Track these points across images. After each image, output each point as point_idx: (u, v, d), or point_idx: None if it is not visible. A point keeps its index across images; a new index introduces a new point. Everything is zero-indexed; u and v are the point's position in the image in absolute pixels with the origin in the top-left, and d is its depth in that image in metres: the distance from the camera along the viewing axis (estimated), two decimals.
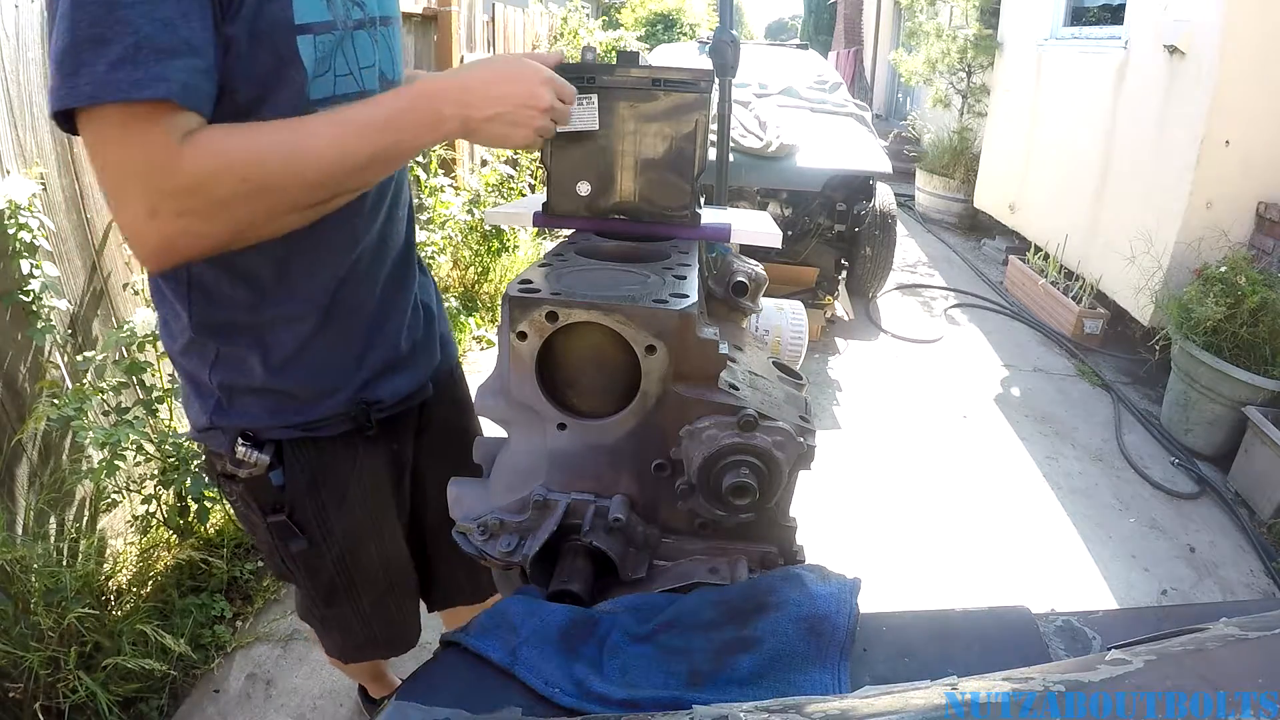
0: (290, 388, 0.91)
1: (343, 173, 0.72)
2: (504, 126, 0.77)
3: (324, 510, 0.99)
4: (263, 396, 0.90)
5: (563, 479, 0.74)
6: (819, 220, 3.82)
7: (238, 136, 0.69)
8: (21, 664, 1.50)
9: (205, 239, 0.69)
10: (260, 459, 0.92)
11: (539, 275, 0.73)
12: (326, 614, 1.12)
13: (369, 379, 0.96)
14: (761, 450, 0.68)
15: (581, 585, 0.68)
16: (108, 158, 0.66)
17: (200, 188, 0.66)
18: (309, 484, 0.96)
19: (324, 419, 0.93)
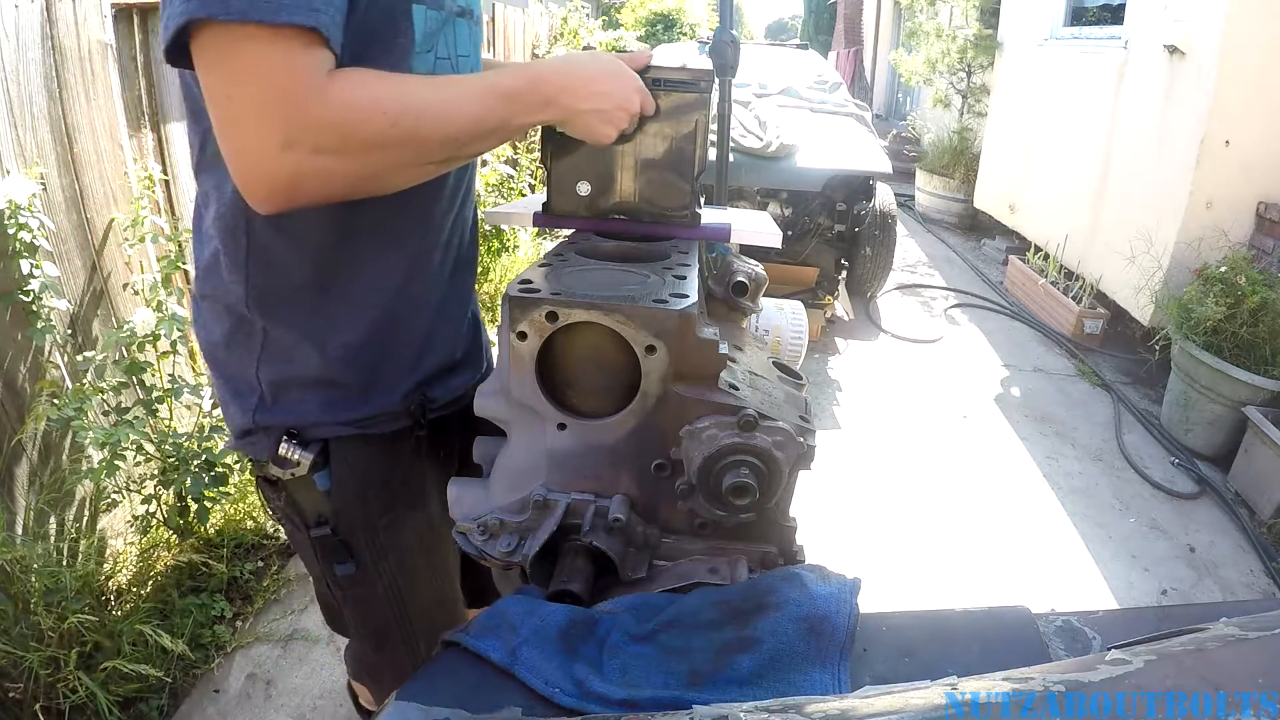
0: (347, 378, 0.85)
1: (473, 135, 0.72)
2: (597, 121, 0.80)
3: (373, 521, 0.92)
4: (313, 389, 0.85)
5: (563, 479, 0.74)
6: (819, 220, 3.82)
7: (388, 80, 0.66)
8: (21, 664, 1.50)
9: (333, 181, 0.66)
10: (304, 456, 0.86)
11: (539, 275, 0.73)
12: (377, 661, 1.04)
13: (427, 375, 0.91)
14: (761, 450, 0.68)
15: (581, 585, 0.68)
16: (242, 81, 0.61)
17: (344, 124, 0.63)
18: (357, 487, 0.90)
19: (379, 415, 0.88)
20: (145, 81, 2.08)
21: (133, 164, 2.01)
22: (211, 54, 0.61)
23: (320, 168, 0.64)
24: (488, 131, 0.73)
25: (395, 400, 0.89)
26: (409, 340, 0.88)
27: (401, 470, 0.93)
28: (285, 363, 0.84)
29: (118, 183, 1.98)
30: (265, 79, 0.61)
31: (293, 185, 0.64)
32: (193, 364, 2.27)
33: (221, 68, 0.61)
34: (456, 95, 0.70)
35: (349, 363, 0.85)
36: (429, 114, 0.67)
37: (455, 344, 0.95)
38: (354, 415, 0.87)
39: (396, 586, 0.97)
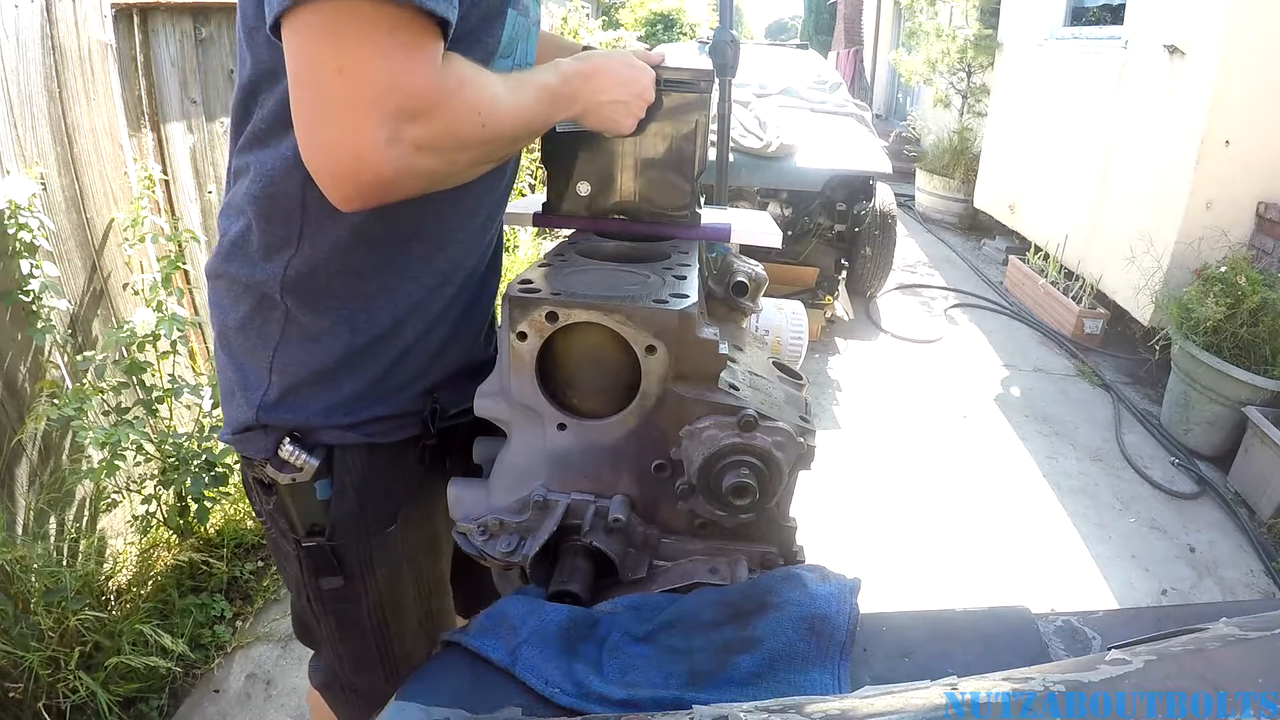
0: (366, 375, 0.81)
1: (528, 132, 0.75)
2: (619, 113, 0.83)
3: (368, 535, 0.87)
4: (328, 388, 0.80)
5: (563, 479, 0.74)
6: (819, 220, 3.82)
7: (480, 78, 0.65)
8: (22, 664, 1.50)
9: (421, 179, 0.63)
10: (309, 462, 0.80)
11: (539, 275, 0.73)
12: (354, 681, 0.99)
13: (441, 379, 0.87)
14: (761, 450, 0.68)
15: (581, 585, 0.68)
16: (358, 60, 0.56)
17: (451, 123, 0.61)
18: (359, 499, 0.85)
19: (389, 417, 0.83)
20: (145, 81, 2.08)
21: (133, 164, 2.01)
22: (326, 24, 0.56)
23: (418, 165, 0.61)
24: (536, 130, 0.78)
25: (407, 402, 0.84)
26: (431, 340, 0.85)
27: (405, 483, 0.89)
28: (304, 353, 0.79)
29: (118, 183, 1.98)
30: (387, 64, 0.56)
31: (390, 182, 0.61)
32: (193, 364, 2.27)
33: (337, 42, 0.56)
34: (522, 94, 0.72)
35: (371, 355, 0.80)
36: (506, 114, 0.68)
37: (473, 349, 0.92)
38: (362, 418, 0.82)
39: (382, 604, 0.92)
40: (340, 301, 0.78)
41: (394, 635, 0.94)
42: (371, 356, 0.81)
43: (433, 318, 0.84)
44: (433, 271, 0.82)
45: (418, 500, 0.91)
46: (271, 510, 0.86)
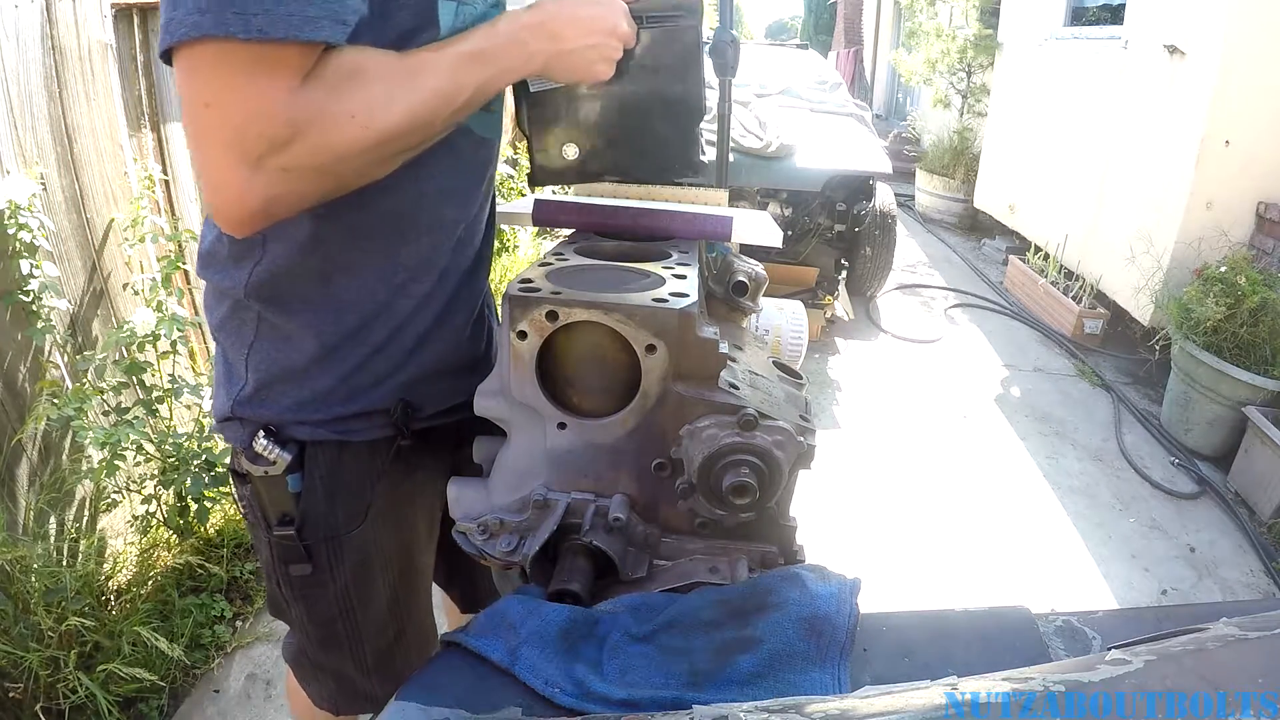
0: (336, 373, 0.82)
1: (449, 110, 0.68)
2: (586, 60, 0.75)
3: (338, 529, 0.89)
4: (297, 384, 0.82)
5: (563, 478, 0.74)
6: (819, 220, 3.82)
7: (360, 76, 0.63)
8: (21, 664, 1.50)
9: (307, 196, 0.65)
10: (281, 456, 0.83)
11: (539, 274, 0.73)
12: (321, 660, 1.01)
13: (415, 378, 0.87)
14: (761, 450, 0.68)
15: (581, 585, 0.68)
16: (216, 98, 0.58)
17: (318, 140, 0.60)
18: (328, 494, 0.87)
19: (361, 414, 0.85)
20: (145, 81, 2.08)
21: (133, 164, 2.01)
22: (195, 63, 0.58)
23: (292, 188, 0.62)
24: (465, 103, 0.69)
25: (379, 400, 0.85)
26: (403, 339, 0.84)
27: (378, 481, 0.90)
28: (276, 352, 0.82)
29: (118, 183, 1.98)
30: (242, 98, 0.58)
31: (261, 210, 0.62)
32: (193, 364, 2.27)
33: (203, 79, 0.58)
34: (427, 73, 0.66)
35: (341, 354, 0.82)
36: (401, 105, 0.64)
37: (456, 347, 0.91)
38: (335, 413, 0.84)
39: (350, 593, 0.94)
40: (305, 304, 0.80)
41: (361, 621, 0.97)
42: (340, 356, 0.82)
43: (403, 317, 0.83)
44: (397, 272, 0.81)
45: (394, 497, 0.92)
46: (247, 497, 0.89)
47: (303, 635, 1.01)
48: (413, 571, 1.01)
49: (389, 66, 0.65)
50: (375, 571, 0.95)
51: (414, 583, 1.02)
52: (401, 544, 0.96)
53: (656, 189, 1.05)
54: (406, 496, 0.94)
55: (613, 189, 1.01)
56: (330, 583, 0.92)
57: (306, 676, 1.07)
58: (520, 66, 0.72)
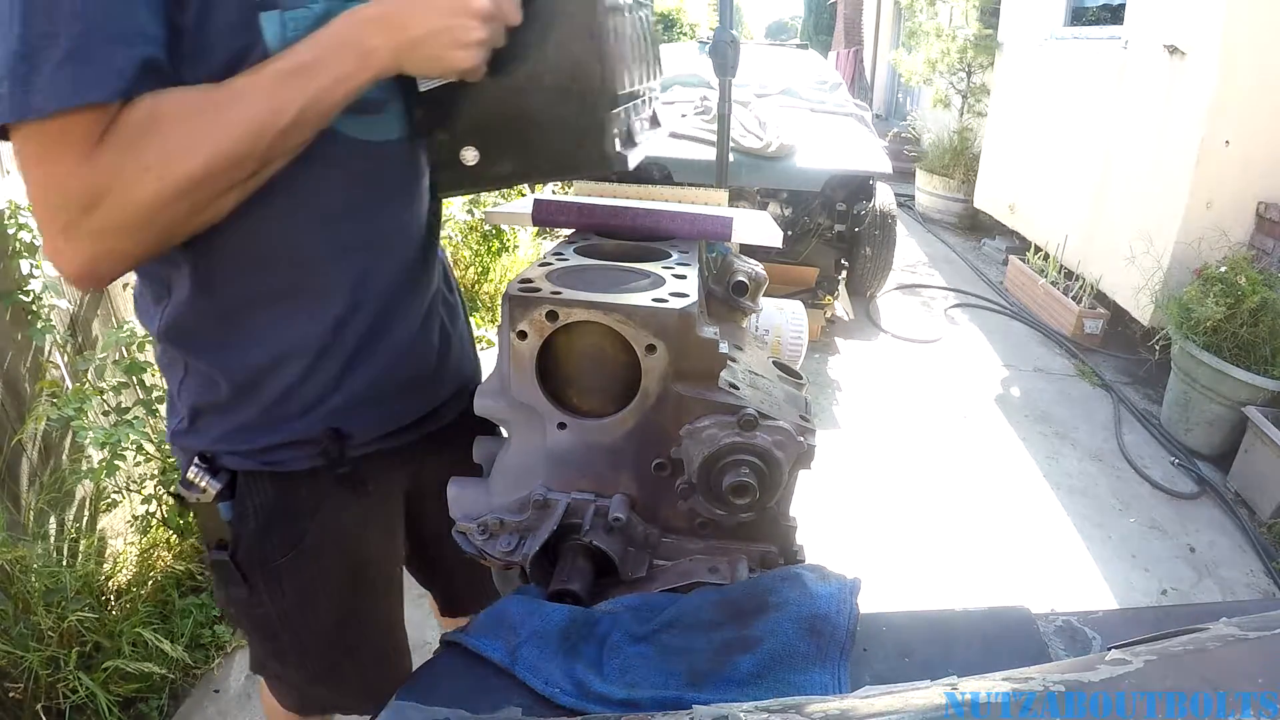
0: (257, 405, 0.81)
1: (273, 136, 0.63)
2: (440, 47, 0.64)
3: (273, 560, 0.87)
4: (223, 417, 0.82)
5: (563, 478, 0.74)
6: (819, 220, 3.82)
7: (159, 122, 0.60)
8: (22, 664, 1.50)
9: (130, 253, 0.64)
10: (211, 484, 0.83)
11: (539, 274, 0.73)
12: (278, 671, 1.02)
13: (348, 404, 0.83)
14: (761, 450, 0.68)
15: (581, 585, 0.68)
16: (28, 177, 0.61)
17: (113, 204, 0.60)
18: (260, 524, 0.86)
19: (288, 443, 0.83)
20: None
21: None
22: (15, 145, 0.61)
23: (110, 248, 0.62)
24: (292, 126, 0.63)
25: (305, 430, 0.82)
26: (323, 369, 0.81)
27: (315, 510, 0.88)
28: (200, 387, 0.82)
29: None
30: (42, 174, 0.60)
31: (86, 273, 0.64)
32: None
33: (20, 159, 0.61)
34: (238, 103, 0.62)
35: (257, 388, 0.80)
36: (203, 146, 0.60)
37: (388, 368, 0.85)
38: (262, 443, 0.82)
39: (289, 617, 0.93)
40: (211, 343, 0.79)
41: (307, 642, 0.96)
42: (257, 389, 0.80)
43: (317, 345, 0.80)
44: (299, 301, 0.78)
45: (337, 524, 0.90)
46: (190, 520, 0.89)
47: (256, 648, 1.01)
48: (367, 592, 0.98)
49: (192, 106, 0.61)
50: (318, 597, 0.93)
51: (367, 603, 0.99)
52: (350, 567, 0.94)
53: (655, 189, 1.05)
54: (357, 520, 0.92)
55: (613, 189, 1.01)
56: (268, 604, 0.91)
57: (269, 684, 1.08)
58: (357, 71, 0.64)
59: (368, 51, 0.64)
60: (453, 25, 0.64)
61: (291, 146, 0.66)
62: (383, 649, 1.06)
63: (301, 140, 0.67)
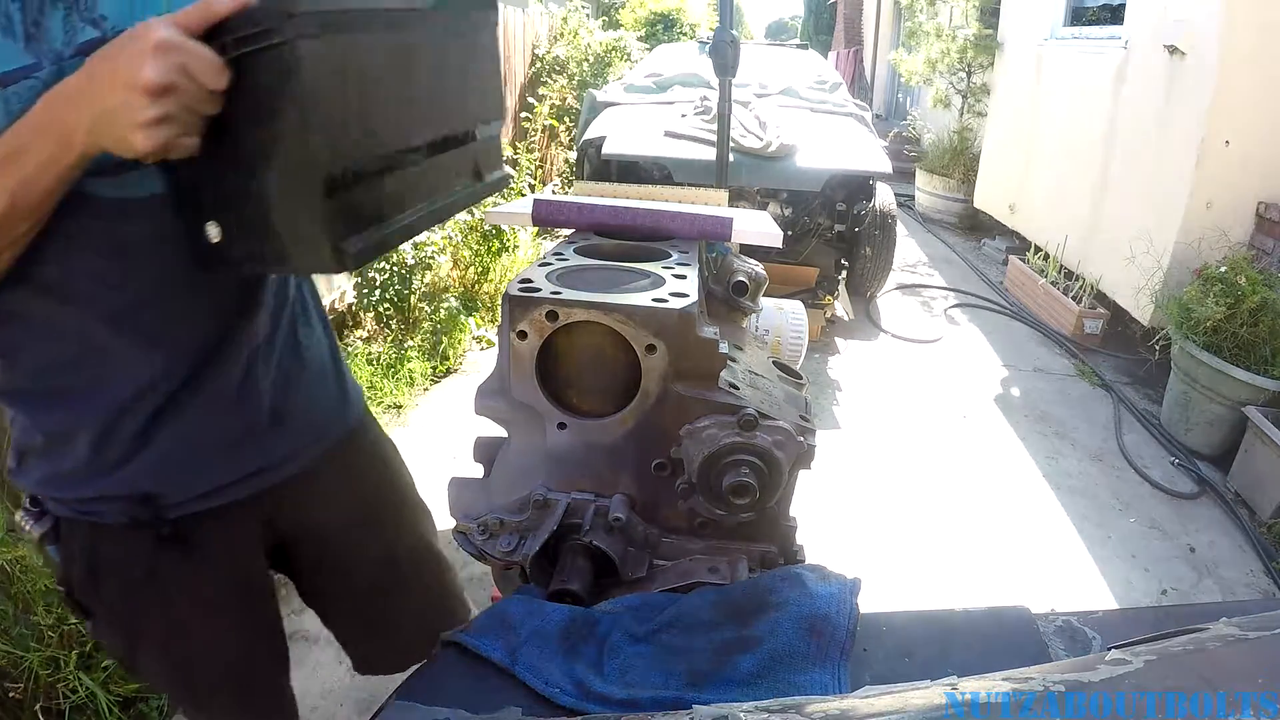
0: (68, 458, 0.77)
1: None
2: (119, 128, 0.54)
3: (111, 605, 0.85)
4: (43, 462, 0.79)
5: (563, 478, 0.74)
6: (819, 220, 3.82)
7: None
8: (21, 664, 1.50)
9: None
10: (35, 527, 0.81)
11: (539, 274, 0.73)
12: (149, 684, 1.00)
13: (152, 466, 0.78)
14: (762, 449, 0.68)
15: (581, 585, 0.68)
16: None
17: None
18: (87, 571, 0.82)
19: (100, 497, 0.78)
20: None
21: None
22: None
23: None
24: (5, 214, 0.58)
25: (114, 487, 0.78)
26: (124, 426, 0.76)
27: (145, 564, 0.83)
28: (22, 434, 0.79)
29: None
30: None
31: None
32: None
33: None
34: None
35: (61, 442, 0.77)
36: None
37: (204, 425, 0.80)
38: (77, 495, 0.79)
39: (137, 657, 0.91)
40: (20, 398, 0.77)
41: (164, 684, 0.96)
42: (69, 443, 0.77)
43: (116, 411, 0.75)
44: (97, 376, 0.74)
45: (172, 582, 0.85)
46: None
47: None
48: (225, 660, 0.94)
49: None
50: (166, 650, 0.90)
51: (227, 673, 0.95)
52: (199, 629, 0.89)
53: (655, 189, 1.05)
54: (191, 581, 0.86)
55: (613, 189, 1.01)
56: (116, 642, 0.91)
57: None
58: (60, 154, 0.57)
59: (67, 132, 0.56)
60: (123, 103, 0.53)
61: (20, 232, 0.62)
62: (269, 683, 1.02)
63: (29, 222, 0.61)
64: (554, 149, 5.58)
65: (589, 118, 4.04)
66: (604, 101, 4.12)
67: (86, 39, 0.63)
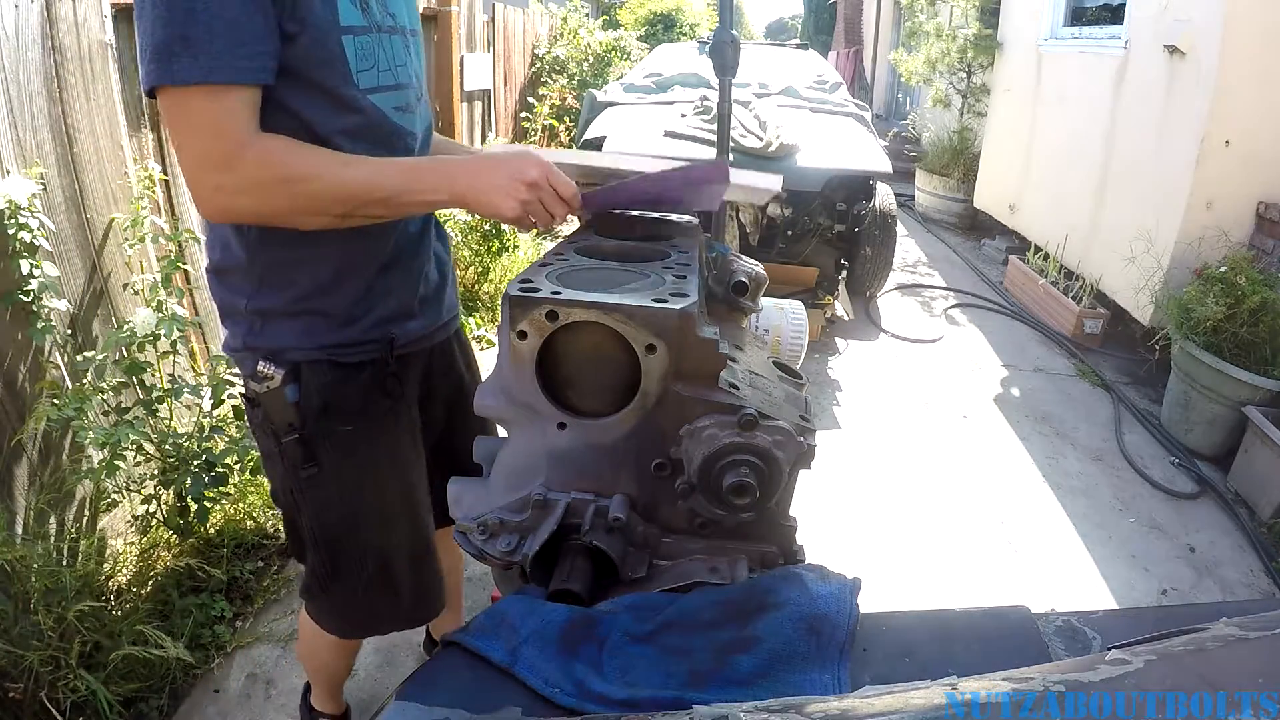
0: (322, 309, 1.03)
1: (365, 200, 0.89)
2: (493, 194, 0.88)
3: (333, 429, 1.07)
4: (296, 318, 1.03)
5: (563, 478, 0.74)
6: (819, 220, 3.82)
7: (296, 157, 0.86)
8: (22, 663, 1.50)
9: (254, 216, 0.91)
10: (277, 371, 1.03)
11: (539, 275, 0.73)
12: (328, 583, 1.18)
13: (391, 315, 1.07)
14: (761, 450, 0.68)
15: (581, 585, 0.68)
16: (185, 137, 0.83)
17: (257, 187, 0.85)
18: (321, 401, 1.05)
19: (350, 344, 1.05)
20: None
21: (133, 164, 2.01)
22: (166, 110, 0.83)
23: (241, 206, 0.87)
24: (380, 199, 0.89)
25: (366, 329, 1.05)
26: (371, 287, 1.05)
27: (361, 394, 1.07)
28: (274, 297, 1.02)
29: (118, 183, 1.98)
30: (201, 140, 0.83)
31: (225, 214, 0.91)
32: (193, 364, 2.27)
33: (173, 123, 0.84)
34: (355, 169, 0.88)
35: (323, 298, 1.02)
36: (323, 188, 0.86)
37: (412, 294, 1.11)
38: (326, 341, 1.04)
39: (349, 492, 1.11)
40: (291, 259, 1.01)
41: (362, 523, 1.14)
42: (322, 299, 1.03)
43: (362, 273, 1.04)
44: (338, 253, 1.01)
45: (375, 412, 1.10)
46: (259, 419, 1.07)
47: (316, 558, 1.16)
48: (407, 488, 1.17)
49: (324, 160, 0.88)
50: (370, 475, 1.12)
51: (408, 501, 1.18)
52: (392, 455, 1.14)
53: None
54: (388, 413, 1.12)
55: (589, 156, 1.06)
56: (334, 480, 1.09)
57: (320, 610, 1.24)
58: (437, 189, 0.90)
59: (459, 189, 0.90)
60: (504, 183, 0.88)
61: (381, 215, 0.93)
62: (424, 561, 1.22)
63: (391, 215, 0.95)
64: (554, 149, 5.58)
65: (589, 118, 4.03)
66: (604, 101, 4.12)
67: (388, 25, 0.98)
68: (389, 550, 1.17)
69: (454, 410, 1.28)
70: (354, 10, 0.92)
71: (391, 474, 1.14)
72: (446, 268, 1.23)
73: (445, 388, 1.26)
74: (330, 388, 1.05)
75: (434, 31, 4.00)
